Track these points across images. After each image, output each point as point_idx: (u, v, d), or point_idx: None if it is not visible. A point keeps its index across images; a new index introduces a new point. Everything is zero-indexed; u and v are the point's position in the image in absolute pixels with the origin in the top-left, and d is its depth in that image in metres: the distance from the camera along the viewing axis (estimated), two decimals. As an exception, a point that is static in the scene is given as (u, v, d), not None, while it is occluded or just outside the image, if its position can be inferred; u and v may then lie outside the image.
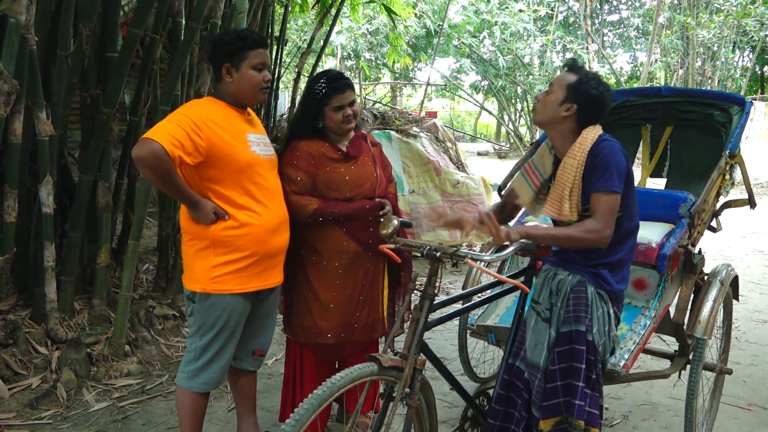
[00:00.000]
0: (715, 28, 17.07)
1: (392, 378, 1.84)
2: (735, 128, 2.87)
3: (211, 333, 2.27)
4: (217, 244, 2.21)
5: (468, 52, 21.03)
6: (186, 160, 2.09)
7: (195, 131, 2.10)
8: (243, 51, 2.21)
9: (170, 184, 2.11)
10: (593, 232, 2.00)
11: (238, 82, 2.24)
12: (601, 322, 2.10)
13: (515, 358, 2.23)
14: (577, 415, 2.02)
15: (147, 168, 2.04)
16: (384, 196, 2.58)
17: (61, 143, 3.64)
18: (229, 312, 2.26)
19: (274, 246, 2.30)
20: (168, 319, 3.91)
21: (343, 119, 2.45)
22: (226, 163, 2.17)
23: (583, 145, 2.08)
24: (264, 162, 2.30)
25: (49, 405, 3.01)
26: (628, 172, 2.10)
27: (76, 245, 3.58)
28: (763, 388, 3.60)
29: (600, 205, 2.03)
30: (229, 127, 2.21)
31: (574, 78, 2.11)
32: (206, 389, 2.35)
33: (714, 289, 2.70)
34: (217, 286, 2.22)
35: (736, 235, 8.44)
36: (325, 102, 2.43)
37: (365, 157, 2.57)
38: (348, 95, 2.44)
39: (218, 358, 2.31)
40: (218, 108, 2.25)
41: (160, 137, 2.02)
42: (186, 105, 2.28)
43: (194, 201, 2.17)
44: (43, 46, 3.44)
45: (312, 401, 1.62)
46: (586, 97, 2.09)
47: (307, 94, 2.52)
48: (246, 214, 2.22)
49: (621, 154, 2.07)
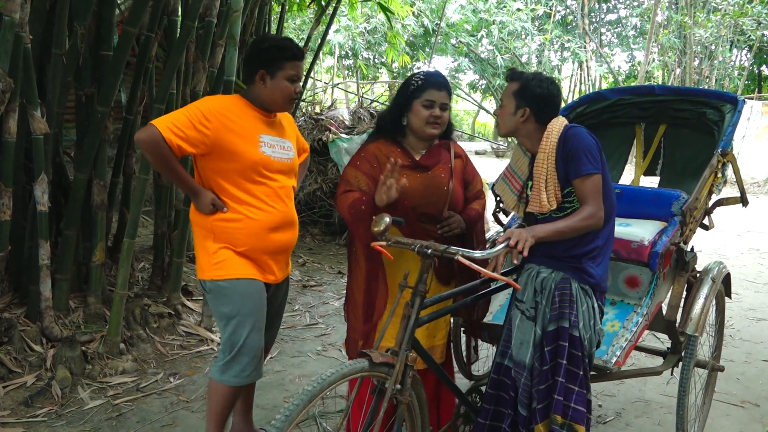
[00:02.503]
0: (713, 27, 17.09)
1: (383, 374, 1.85)
2: (727, 126, 2.88)
3: (232, 322, 2.27)
4: (216, 234, 2.27)
5: (466, 51, 21.04)
6: (187, 148, 2.18)
7: (202, 123, 2.18)
8: (281, 61, 2.25)
9: (168, 169, 2.23)
10: (591, 217, 2.09)
11: (271, 91, 2.28)
12: (586, 317, 2.12)
13: (503, 357, 2.24)
14: (555, 409, 2.04)
15: (144, 151, 2.20)
16: (460, 213, 2.40)
17: (56, 141, 3.65)
18: (241, 295, 2.26)
19: (273, 243, 2.32)
20: (163, 317, 3.91)
21: (429, 119, 2.30)
22: (232, 159, 2.23)
23: (549, 138, 2.19)
24: (275, 164, 2.32)
25: (43, 403, 3.01)
26: (600, 152, 2.18)
27: (71, 243, 3.58)
28: (756, 385, 3.62)
29: (586, 189, 2.11)
30: (242, 125, 2.26)
31: (516, 85, 2.23)
32: (238, 382, 2.30)
33: (705, 286, 2.72)
34: (219, 272, 2.26)
35: (732, 233, 8.47)
36: (416, 95, 2.30)
37: (440, 168, 2.38)
38: (443, 95, 2.32)
39: (245, 349, 2.28)
40: (237, 106, 2.30)
41: (162, 124, 2.15)
42: (204, 98, 2.38)
43: (194, 189, 2.27)
44: (38, 44, 3.45)
45: (302, 397, 1.63)
46: (533, 97, 2.20)
47: (400, 88, 2.41)
48: (245, 208, 2.26)
49: (589, 136, 2.17)
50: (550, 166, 2.18)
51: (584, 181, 2.12)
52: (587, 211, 2.10)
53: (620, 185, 3.07)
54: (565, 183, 2.17)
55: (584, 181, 2.12)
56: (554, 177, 2.17)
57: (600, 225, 2.13)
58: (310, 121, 7.27)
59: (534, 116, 2.22)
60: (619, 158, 3.57)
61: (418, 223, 2.32)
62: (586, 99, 3.42)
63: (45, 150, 3.33)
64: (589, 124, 3.25)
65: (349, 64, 20.62)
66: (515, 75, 2.26)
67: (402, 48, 13.56)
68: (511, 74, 2.28)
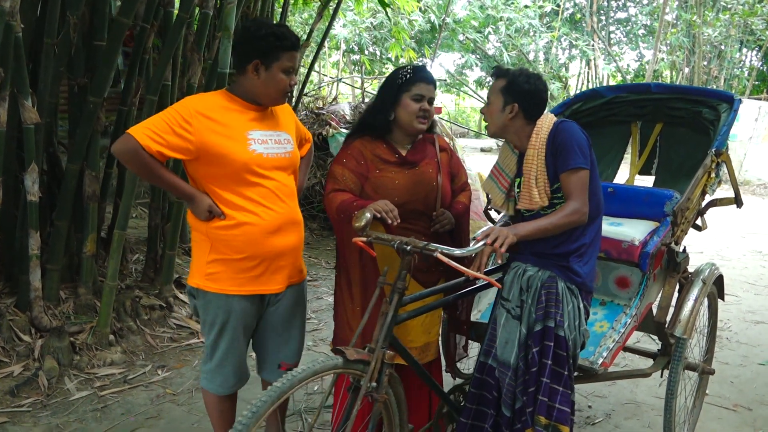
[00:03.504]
0: (722, 26, 16.92)
1: (358, 372, 1.82)
2: (722, 126, 2.83)
3: (213, 331, 2.19)
4: (214, 242, 2.13)
5: (473, 47, 20.92)
6: (169, 154, 2.02)
7: (183, 126, 2.02)
8: (278, 51, 2.07)
9: (155, 178, 2.08)
10: (575, 213, 2.07)
11: (264, 82, 2.10)
12: (571, 317, 2.09)
13: (487, 356, 2.22)
14: (539, 410, 2.01)
15: (125, 162, 2.09)
16: (449, 207, 2.39)
17: (49, 131, 3.64)
18: (226, 312, 2.16)
19: (273, 248, 2.16)
20: (155, 310, 3.91)
21: (418, 113, 2.27)
22: (220, 163, 2.07)
23: (539, 134, 2.16)
24: (269, 161, 2.15)
25: (29, 393, 3.01)
26: (590, 149, 2.14)
27: (63, 234, 3.58)
28: (750, 389, 3.57)
29: (572, 184, 2.09)
30: (227, 124, 2.09)
31: (503, 82, 2.21)
32: (224, 392, 2.27)
33: (695, 288, 2.68)
34: (210, 284, 2.14)
35: (736, 235, 8.38)
36: (405, 88, 2.26)
37: (427, 163, 2.36)
38: (431, 89, 2.29)
39: (227, 361, 2.22)
40: (219, 104, 2.13)
41: (138, 132, 2.00)
42: (183, 99, 2.20)
43: (188, 194, 2.12)
44: (30, 33, 3.43)
45: (270, 394, 1.60)
46: (521, 93, 2.17)
47: (386, 81, 2.35)
48: (242, 214, 2.11)
49: (580, 131, 2.14)
50: (540, 163, 2.15)
51: (570, 175, 2.09)
52: (571, 207, 2.07)
53: (613, 184, 3.03)
54: (555, 179, 2.14)
55: (570, 176, 2.09)
56: (544, 173, 2.15)
57: (584, 221, 2.11)
58: (311, 116, 7.27)
59: (522, 112, 2.19)
60: (615, 157, 3.52)
61: (405, 220, 2.26)
62: (581, 96, 3.38)
63: (36, 140, 3.32)
64: (584, 121, 3.21)
65: (355, 59, 20.52)
66: (501, 72, 2.23)
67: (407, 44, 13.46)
68: (497, 71, 2.25)
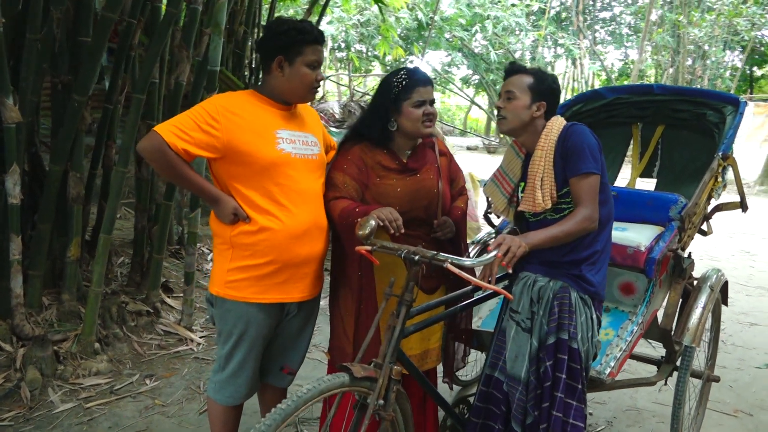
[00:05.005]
0: (707, 26, 17.07)
1: (365, 389, 1.73)
2: (728, 129, 2.79)
3: (230, 341, 2.13)
4: (236, 248, 2.07)
5: (459, 45, 20.89)
6: (195, 152, 1.97)
7: (209, 123, 1.98)
8: (301, 46, 2.03)
9: (180, 177, 2.02)
10: (586, 219, 2.00)
11: (289, 79, 2.06)
12: (584, 329, 2.02)
13: (493, 369, 2.13)
14: (553, 426, 1.93)
15: (150, 161, 2.02)
16: (448, 213, 2.32)
17: (31, 130, 3.49)
18: (246, 321, 2.10)
19: (298, 255, 2.08)
20: (141, 316, 3.77)
21: (422, 118, 2.18)
22: (247, 161, 2.02)
23: (549, 136, 2.10)
24: (296, 162, 2.09)
25: (11, 405, 2.88)
26: (601, 153, 2.09)
27: (45, 238, 3.43)
28: (748, 393, 3.54)
29: (582, 190, 2.02)
30: (255, 122, 2.05)
31: (531, 78, 2.14)
32: (233, 403, 2.21)
33: (704, 295, 2.63)
34: (231, 292, 2.08)
35: (723, 235, 8.41)
36: (404, 96, 2.16)
37: (428, 169, 2.29)
38: (429, 89, 2.20)
39: (241, 372, 2.17)
40: (248, 102, 2.09)
41: (164, 129, 1.95)
42: (211, 97, 2.15)
43: (213, 196, 2.05)
44: (12, 28, 3.28)
45: (276, 416, 1.51)
46: (550, 92, 2.15)
47: (380, 90, 2.25)
48: (266, 218, 2.04)
49: (591, 135, 2.09)
50: (548, 164, 2.08)
51: (581, 180, 2.02)
52: (582, 213, 2.00)
53: (615, 188, 2.97)
54: (563, 183, 2.07)
55: (581, 181, 2.02)
56: (551, 175, 2.07)
57: (595, 228, 2.04)
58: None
59: (546, 111, 2.15)
60: (615, 159, 3.47)
61: (406, 227, 2.15)
62: (582, 97, 3.32)
63: (18, 140, 3.17)
64: (585, 123, 3.14)
65: (341, 57, 20.41)
66: (522, 68, 2.17)
67: (395, 41, 13.36)
68: (518, 67, 2.18)
